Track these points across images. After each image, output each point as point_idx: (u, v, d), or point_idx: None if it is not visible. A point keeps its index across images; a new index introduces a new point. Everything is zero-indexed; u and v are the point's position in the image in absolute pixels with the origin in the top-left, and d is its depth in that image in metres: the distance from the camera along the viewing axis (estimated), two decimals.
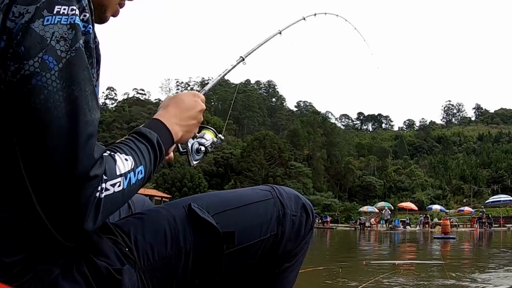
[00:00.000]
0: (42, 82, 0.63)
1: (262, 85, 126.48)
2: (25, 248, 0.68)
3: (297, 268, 1.00)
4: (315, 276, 4.73)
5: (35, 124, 0.63)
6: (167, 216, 0.85)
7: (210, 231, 0.85)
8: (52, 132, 0.63)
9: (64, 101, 0.64)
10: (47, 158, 0.64)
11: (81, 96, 0.66)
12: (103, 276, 0.74)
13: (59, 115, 0.64)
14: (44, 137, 0.63)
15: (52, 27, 0.65)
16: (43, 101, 0.63)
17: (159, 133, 0.84)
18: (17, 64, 0.63)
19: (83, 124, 0.66)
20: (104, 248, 0.77)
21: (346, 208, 54.78)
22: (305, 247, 0.99)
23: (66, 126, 0.64)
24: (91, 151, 0.66)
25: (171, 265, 0.82)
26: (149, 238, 0.82)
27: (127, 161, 0.74)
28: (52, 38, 0.65)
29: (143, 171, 0.77)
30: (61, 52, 0.65)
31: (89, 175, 0.65)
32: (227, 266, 0.88)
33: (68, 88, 0.65)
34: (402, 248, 12.53)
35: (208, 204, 0.89)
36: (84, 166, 0.65)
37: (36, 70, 0.63)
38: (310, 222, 0.98)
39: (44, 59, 0.64)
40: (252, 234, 0.90)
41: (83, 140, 0.65)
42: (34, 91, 0.63)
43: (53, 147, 0.63)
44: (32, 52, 0.63)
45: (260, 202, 0.93)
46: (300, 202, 0.98)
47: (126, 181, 0.72)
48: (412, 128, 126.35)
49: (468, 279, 4.83)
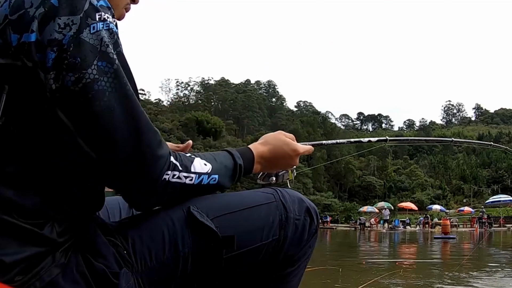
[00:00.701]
0: (102, 86, 0.69)
1: (262, 85, 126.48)
2: (25, 249, 0.70)
3: (301, 272, 0.99)
4: (315, 276, 4.74)
5: (104, 123, 0.70)
6: (166, 219, 0.84)
7: (209, 235, 0.84)
8: (120, 126, 0.71)
9: (124, 98, 0.72)
10: (120, 150, 0.72)
11: (131, 92, 0.73)
12: (101, 278, 0.75)
13: (122, 111, 0.71)
14: (114, 131, 0.71)
15: (98, 34, 0.70)
16: (107, 102, 0.70)
17: (245, 162, 0.93)
18: (77, 74, 0.68)
19: (142, 114, 0.74)
20: (103, 249, 0.78)
21: (346, 208, 54.82)
22: (309, 251, 0.97)
23: (130, 118, 0.72)
24: (156, 136, 0.76)
25: (169, 268, 0.82)
26: (147, 241, 0.81)
27: (206, 166, 0.84)
28: (101, 44, 0.70)
29: (217, 179, 0.86)
30: (111, 55, 0.71)
31: (157, 153, 0.76)
32: (226, 271, 0.87)
33: (123, 86, 0.72)
34: (402, 248, 12.53)
35: (207, 207, 0.87)
36: (151, 147, 0.75)
37: (95, 77, 0.69)
38: (314, 226, 0.96)
39: (99, 65, 0.69)
40: (253, 239, 0.88)
41: (146, 126, 0.75)
42: (98, 95, 0.69)
43: (122, 138, 0.72)
44: (88, 61, 0.68)
45: (262, 205, 0.91)
46: (304, 205, 0.95)
47: (198, 180, 0.83)
48: (412, 128, 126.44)
49: (468, 278, 4.83)
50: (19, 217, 0.69)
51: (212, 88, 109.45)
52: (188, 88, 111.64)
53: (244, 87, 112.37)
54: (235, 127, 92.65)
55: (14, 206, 0.69)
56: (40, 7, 0.68)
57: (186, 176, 0.81)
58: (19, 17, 0.68)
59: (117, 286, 0.74)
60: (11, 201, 0.69)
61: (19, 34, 0.67)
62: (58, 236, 0.73)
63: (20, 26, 0.68)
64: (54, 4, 0.68)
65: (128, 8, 0.92)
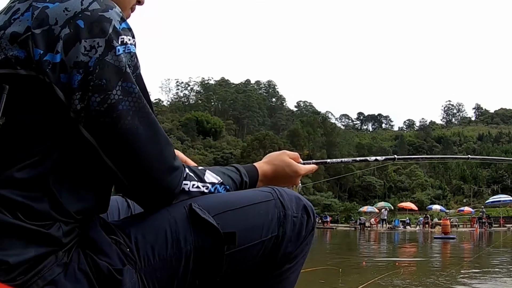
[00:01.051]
0: (126, 106, 0.74)
1: (262, 85, 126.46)
2: (31, 250, 0.70)
3: (298, 269, 1.01)
4: (315, 276, 4.74)
5: (128, 141, 0.76)
6: (167, 217, 0.86)
7: (211, 232, 0.86)
8: (143, 143, 0.77)
9: (145, 117, 0.77)
10: (143, 164, 0.78)
11: (150, 111, 0.79)
12: (104, 275, 0.76)
13: (144, 129, 0.77)
14: (137, 148, 0.77)
15: (122, 56, 0.74)
16: (131, 121, 0.75)
17: (251, 180, 1.01)
18: (102, 95, 0.72)
19: (161, 130, 0.81)
20: (106, 247, 0.79)
21: (346, 208, 54.73)
22: (306, 248, 1.00)
23: (152, 135, 0.79)
24: (172, 149, 0.83)
25: (172, 265, 0.83)
26: (149, 239, 0.83)
27: (217, 178, 0.94)
28: (125, 66, 0.74)
29: (228, 189, 0.95)
30: (132, 76, 0.76)
31: (174, 164, 0.83)
32: (227, 267, 0.88)
33: (144, 106, 0.78)
34: (402, 248, 12.53)
35: (208, 205, 0.89)
36: (170, 160, 0.82)
37: (120, 98, 0.73)
38: (311, 224, 0.99)
39: (124, 86, 0.74)
40: (253, 235, 0.90)
41: (165, 140, 0.81)
42: (122, 114, 0.74)
43: (145, 154, 0.78)
44: (113, 83, 0.73)
45: (261, 203, 0.93)
46: (301, 203, 0.98)
47: (213, 189, 0.92)
48: (412, 128, 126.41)
49: (467, 278, 4.83)
50: (26, 219, 0.70)
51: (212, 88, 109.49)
52: (188, 88, 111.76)
53: (244, 87, 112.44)
54: (235, 127, 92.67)
55: (21, 208, 0.70)
56: (65, 27, 0.70)
57: (203, 185, 0.89)
58: (43, 33, 0.70)
59: (120, 283, 0.75)
60: (18, 203, 0.70)
61: (42, 50, 0.69)
62: (64, 236, 0.75)
63: (44, 43, 0.69)
64: (80, 26, 0.70)
65: (134, 8, 0.95)
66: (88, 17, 0.71)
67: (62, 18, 0.70)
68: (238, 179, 0.98)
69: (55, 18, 0.70)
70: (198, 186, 0.88)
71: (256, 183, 1.03)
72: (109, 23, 0.73)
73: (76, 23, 0.70)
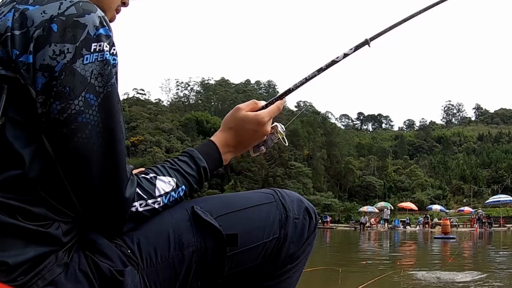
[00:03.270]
0: (86, 119, 0.71)
1: (262, 85, 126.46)
2: (30, 250, 0.70)
3: (300, 269, 1.01)
4: (315, 276, 4.74)
5: (81, 156, 0.72)
6: (170, 219, 0.86)
7: (213, 233, 0.86)
8: (96, 162, 0.73)
9: (104, 133, 0.73)
10: (91, 183, 0.74)
11: (116, 127, 0.74)
12: (106, 277, 0.76)
13: (100, 146, 0.73)
14: (88, 165, 0.73)
15: (91, 65, 0.71)
16: (88, 135, 0.71)
17: (209, 160, 0.92)
18: (64, 104, 0.69)
19: (120, 152, 0.76)
20: (107, 249, 0.79)
21: (346, 208, 54.76)
22: (308, 249, 0.99)
23: (106, 156, 0.74)
24: (126, 175, 0.77)
25: (174, 267, 0.83)
26: (152, 240, 0.83)
27: (170, 183, 0.85)
28: (91, 76, 0.71)
29: (185, 189, 0.88)
30: (99, 87, 0.72)
31: (125, 195, 0.77)
32: (229, 268, 0.88)
33: (106, 120, 0.73)
34: (402, 248, 12.54)
35: (211, 207, 0.89)
36: (121, 188, 0.76)
37: (81, 109, 0.70)
38: (313, 225, 0.99)
39: (87, 97, 0.70)
40: (255, 237, 0.90)
41: (120, 166, 0.76)
42: (80, 127, 0.70)
43: (96, 175, 0.73)
44: (76, 92, 0.69)
45: (262, 205, 0.93)
46: (302, 205, 0.98)
47: (166, 199, 0.84)
48: (412, 128, 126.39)
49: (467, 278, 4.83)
50: (24, 220, 0.70)
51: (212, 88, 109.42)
52: (188, 88, 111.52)
53: (244, 87, 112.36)
54: None
55: (18, 209, 0.70)
56: (40, 28, 0.69)
57: (153, 202, 0.82)
58: (21, 34, 0.70)
59: (122, 284, 0.75)
60: (15, 204, 0.70)
61: (19, 51, 0.69)
62: (64, 235, 0.75)
63: (21, 44, 0.69)
64: (53, 29, 0.69)
65: (119, 10, 0.92)
66: (63, 21, 0.70)
67: (38, 20, 0.70)
68: (193, 169, 0.89)
69: (32, 20, 0.70)
70: (148, 204, 0.81)
71: (219, 159, 0.95)
72: (82, 29, 0.71)
73: (49, 26, 0.69)
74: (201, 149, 0.93)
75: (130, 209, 0.78)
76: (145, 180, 0.82)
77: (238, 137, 0.97)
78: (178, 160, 0.90)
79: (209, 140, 0.96)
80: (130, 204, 0.78)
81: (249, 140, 0.99)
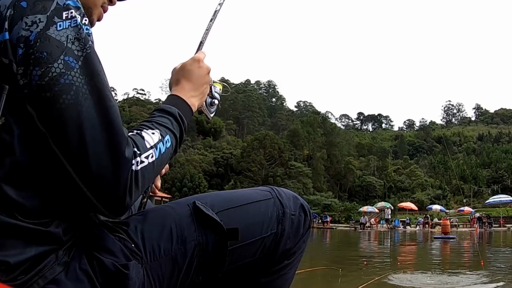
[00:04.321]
0: (69, 80, 0.69)
1: (262, 85, 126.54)
2: (29, 249, 0.70)
3: (296, 265, 1.04)
4: (315, 276, 4.74)
5: (71, 118, 0.69)
6: (172, 214, 0.88)
7: (214, 228, 0.88)
8: (88, 122, 0.70)
9: (91, 93, 0.71)
10: (87, 147, 0.70)
11: (102, 86, 0.73)
12: (110, 272, 0.76)
13: (90, 106, 0.70)
14: (81, 128, 0.69)
15: (65, 31, 0.71)
16: (74, 96, 0.69)
17: (179, 107, 0.92)
18: (43, 68, 0.68)
19: (111, 109, 0.73)
20: (110, 245, 0.79)
21: (346, 208, 54.73)
22: (303, 246, 1.03)
23: (98, 115, 0.71)
24: (122, 132, 0.74)
25: (177, 261, 0.85)
26: (155, 235, 0.84)
27: (154, 135, 0.82)
28: (67, 41, 0.71)
29: (170, 140, 0.85)
30: (77, 51, 0.72)
31: (125, 154, 0.73)
32: (229, 263, 0.90)
33: (91, 81, 0.72)
34: (402, 248, 12.53)
35: (212, 203, 0.92)
36: (120, 147, 0.72)
37: (62, 71, 0.69)
38: (308, 222, 1.02)
39: (66, 60, 0.70)
40: (254, 232, 0.93)
41: (115, 123, 0.73)
42: (64, 89, 0.69)
43: (90, 136, 0.70)
44: (55, 56, 0.69)
45: (261, 201, 0.97)
46: (298, 202, 1.02)
47: (157, 151, 0.80)
48: (412, 128, 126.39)
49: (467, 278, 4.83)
50: (23, 218, 0.70)
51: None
52: None
53: (244, 87, 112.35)
54: (235, 127, 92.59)
55: (16, 206, 0.69)
56: (10, 7, 0.70)
57: (147, 156, 0.78)
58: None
59: (127, 277, 0.76)
60: (13, 202, 0.69)
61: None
62: (64, 234, 0.74)
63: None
64: (23, 6, 0.71)
65: (105, 8, 0.93)
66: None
67: (8, 1, 0.71)
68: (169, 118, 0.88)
69: (5, 4, 0.71)
70: (142, 160, 0.77)
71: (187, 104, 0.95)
72: (52, 1, 0.72)
73: (19, 4, 0.71)
74: (166, 102, 0.94)
75: (131, 168, 0.74)
76: (132, 135, 0.79)
77: (189, 80, 0.99)
78: (152, 117, 0.88)
79: (171, 95, 0.97)
80: (131, 163, 0.74)
81: (200, 77, 1.00)
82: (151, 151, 0.79)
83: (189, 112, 0.95)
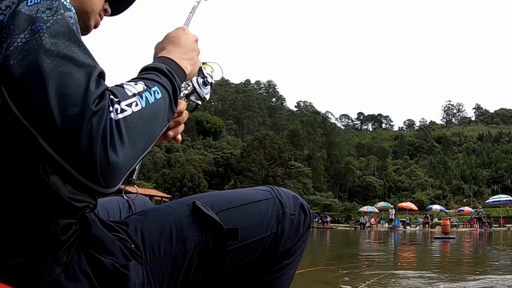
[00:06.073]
0: (33, 44, 0.64)
1: (262, 85, 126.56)
2: (27, 250, 0.69)
3: (296, 265, 1.04)
4: (315, 276, 4.74)
5: (34, 79, 0.62)
6: (172, 214, 0.88)
7: (214, 228, 0.87)
8: (51, 80, 0.62)
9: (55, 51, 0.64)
10: (48, 101, 0.61)
11: (69, 46, 0.66)
12: (109, 272, 0.75)
13: (52, 63, 0.63)
14: (45, 87, 0.62)
15: (36, 5, 0.67)
16: (35, 55, 0.63)
17: (167, 64, 0.81)
18: (9, 39, 0.64)
19: (78, 66, 0.65)
20: (109, 245, 0.78)
21: (346, 208, 54.70)
22: (303, 245, 1.03)
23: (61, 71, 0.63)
24: (88, 80, 0.64)
25: (177, 261, 0.84)
26: (155, 235, 0.84)
27: (137, 84, 0.72)
28: (37, 12, 0.67)
29: (160, 92, 0.74)
30: (47, 16, 0.67)
31: (93, 101, 0.63)
32: (229, 263, 0.90)
33: (57, 41, 0.65)
34: (403, 248, 12.53)
35: (211, 202, 0.92)
36: (86, 95, 0.63)
37: (28, 39, 0.64)
38: (308, 221, 1.02)
39: (33, 27, 0.65)
40: (254, 232, 0.93)
41: (80, 78, 0.64)
42: (28, 53, 0.63)
43: (52, 89, 0.62)
44: (22, 27, 0.65)
45: (260, 201, 0.96)
46: (298, 202, 1.01)
47: (143, 100, 0.70)
48: (412, 128, 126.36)
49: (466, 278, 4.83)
50: (22, 219, 0.69)
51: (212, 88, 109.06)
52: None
53: (244, 87, 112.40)
54: (235, 127, 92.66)
55: (12, 207, 0.68)
56: None
57: (129, 104, 0.67)
58: None
59: (127, 277, 0.75)
60: (9, 203, 0.68)
61: None
62: (62, 233, 0.73)
63: None
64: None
65: (102, 15, 0.91)
66: None
67: None
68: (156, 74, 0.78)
69: None
70: (123, 109, 0.66)
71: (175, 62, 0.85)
72: None
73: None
74: (152, 62, 0.84)
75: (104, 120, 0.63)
76: (111, 87, 0.70)
77: (176, 44, 0.90)
78: (136, 77, 0.78)
79: (159, 57, 0.87)
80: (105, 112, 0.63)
81: (188, 42, 0.92)
82: (135, 98, 0.69)
83: (181, 72, 0.85)
